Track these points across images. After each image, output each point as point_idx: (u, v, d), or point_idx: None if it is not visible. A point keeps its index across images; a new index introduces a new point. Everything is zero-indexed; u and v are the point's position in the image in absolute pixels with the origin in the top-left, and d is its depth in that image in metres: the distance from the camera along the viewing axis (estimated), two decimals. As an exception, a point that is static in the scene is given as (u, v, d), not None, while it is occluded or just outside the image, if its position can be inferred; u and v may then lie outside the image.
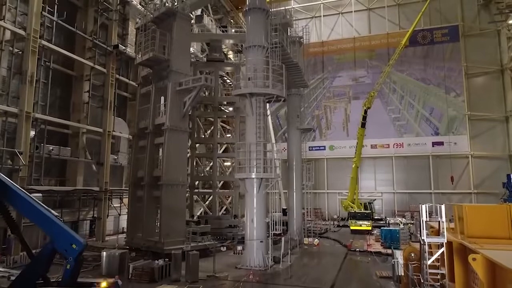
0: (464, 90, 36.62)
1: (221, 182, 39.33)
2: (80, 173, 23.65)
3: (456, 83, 37.10)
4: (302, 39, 24.35)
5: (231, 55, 41.23)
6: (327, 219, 39.58)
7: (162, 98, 17.87)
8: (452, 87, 37.19)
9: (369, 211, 27.67)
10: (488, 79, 37.39)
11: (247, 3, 16.24)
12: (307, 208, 23.81)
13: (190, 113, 19.25)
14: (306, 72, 26.17)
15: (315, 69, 41.99)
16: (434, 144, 36.87)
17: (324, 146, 40.24)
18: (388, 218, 35.56)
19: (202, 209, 30.34)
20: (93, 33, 24.17)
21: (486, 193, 35.46)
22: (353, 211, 27.89)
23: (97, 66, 23.49)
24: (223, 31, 39.06)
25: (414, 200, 37.90)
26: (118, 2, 25.13)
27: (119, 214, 25.60)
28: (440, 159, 37.11)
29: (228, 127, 34.09)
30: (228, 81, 33.88)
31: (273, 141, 33.37)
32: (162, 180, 16.38)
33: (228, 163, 38.90)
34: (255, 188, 14.73)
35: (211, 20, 37.46)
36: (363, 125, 31.14)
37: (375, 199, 31.50)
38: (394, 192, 37.49)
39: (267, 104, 16.70)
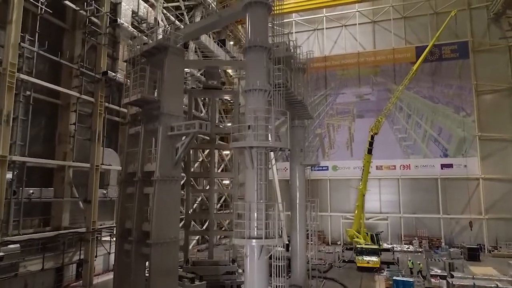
0: (475, 110, 34.91)
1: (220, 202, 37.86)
2: (66, 210, 21.86)
3: (466, 102, 35.39)
4: (306, 66, 22.53)
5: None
6: (330, 243, 37.94)
7: (153, 141, 16.11)
8: (462, 106, 35.49)
9: (376, 247, 25.91)
10: (498, 97, 35.71)
11: (246, 40, 14.45)
12: (310, 253, 22.05)
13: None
14: (307, 90, 24.43)
15: (317, 85, 40.22)
16: (443, 166, 35.14)
17: (327, 167, 38.50)
18: (395, 246, 33.98)
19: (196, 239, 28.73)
20: (81, 58, 22.36)
21: (497, 218, 33.86)
22: (359, 246, 26.14)
23: (84, 96, 21.68)
24: (220, 46, 37.42)
25: (422, 224, 36.29)
26: (108, 25, 23.28)
27: (109, 253, 23.79)
28: (448, 181, 35.45)
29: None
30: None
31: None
32: (152, 238, 14.58)
33: (227, 181, 37.22)
34: (256, 254, 12.98)
35: (209, 36, 35.75)
36: (369, 151, 29.41)
37: (382, 231, 29.83)
38: (400, 216, 35.73)
39: (271, 153, 14.95)
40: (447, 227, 35.36)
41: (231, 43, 44.02)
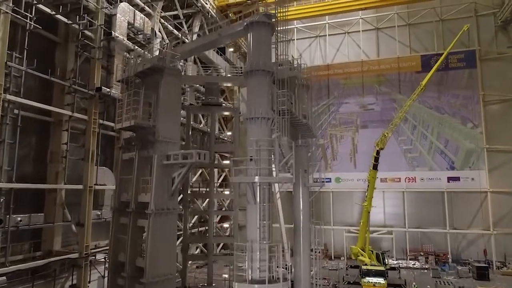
0: (482, 122, 33.85)
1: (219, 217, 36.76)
2: (57, 234, 20.76)
3: (473, 113, 34.34)
4: (310, 83, 21.42)
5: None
6: (333, 257, 36.89)
7: (148, 168, 15.05)
8: (469, 117, 34.43)
9: (382, 269, 24.85)
10: (506, 107, 34.63)
11: (247, 64, 13.38)
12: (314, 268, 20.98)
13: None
14: (311, 108, 23.40)
15: (319, 94, 39.15)
16: (449, 179, 34.08)
17: (330, 178, 37.41)
18: (401, 262, 32.94)
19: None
20: (74, 73, 21.29)
21: (506, 233, 32.81)
22: (365, 267, 25.07)
23: (76, 114, 20.59)
24: (220, 54, 36.36)
25: (427, 238, 35.26)
26: (102, 38, 22.19)
27: (103, 276, 22.69)
28: (455, 194, 34.41)
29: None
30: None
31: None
32: (146, 276, 13.53)
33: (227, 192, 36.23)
34: (258, 299, 11.97)
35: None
36: (375, 167, 28.33)
37: (388, 251, 28.79)
38: (406, 231, 34.64)
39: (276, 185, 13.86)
40: (454, 241, 34.31)
41: (231, 49, 43.02)
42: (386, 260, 27.07)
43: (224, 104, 23.11)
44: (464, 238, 34.66)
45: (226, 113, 22.85)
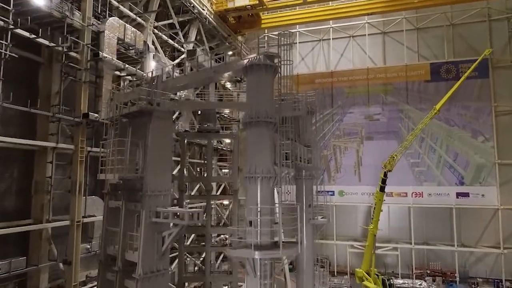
0: (494, 135, 32.20)
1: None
2: (44, 271, 19.46)
3: (485, 126, 32.67)
4: (315, 107, 19.71)
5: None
6: (335, 273, 35.73)
7: (136, 220, 13.53)
8: (480, 130, 32.77)
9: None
10: (518, 118, 32.97)
11: (246, 114, 11.72)
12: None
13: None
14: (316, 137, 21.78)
15: (323, 103, 37.35)
16: (458, 195, 32.60)
17: (333, 191, 35.92)
18: (406, 282, 31.73)
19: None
20: (59, 96, 19.62)
21: (517, 253, 31.54)
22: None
23: (61, 145, 19.02)
24: (217, 61, 34.46)
25: (434, 254, 34.00)
26: (88, 59, 20.40)
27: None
28: (463, 210, 33.00)
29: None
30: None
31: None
32: None
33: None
34: None
35: (207, 54, 32.85)
36: (382, 188, 26.83)
37: (392, 278, 27.47)
38: (412, 248, 33.31)
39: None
40: (461, 258, 33.02)
41: (230, 53, 41.11)
42: (393, 284, 25.80)
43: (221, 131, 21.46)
44: (472, 254, 33.42)
45: (226, 139, 21.24)
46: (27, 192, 19.49)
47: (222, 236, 33.23)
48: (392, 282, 25.94)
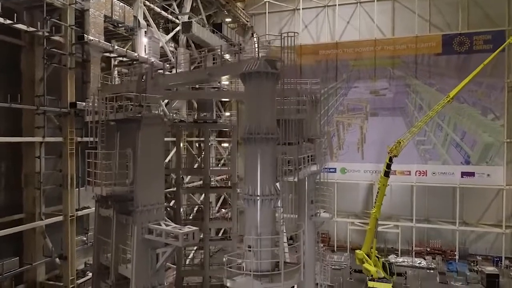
0: (505, 113, 30.82)
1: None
2: (40, 265, 19.11)
3: (496, 103, 31.22)
4: (318, 95, 18.25)
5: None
6: (335, 249, 35.92)
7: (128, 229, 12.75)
8: (490, 107, 31.34)
9: (390, 284, 23.62)
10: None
11: (245, 128, 10.43)
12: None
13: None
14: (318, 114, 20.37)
15: (327, 76, 35.55)
16: (463, 174, 31.84)
17: (335, 169, 35.14)
18: (406, 260, 31.87)
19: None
20: (43, 83, 18.21)
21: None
22: (371, 285, 23.85)
23: (48, 139, 17.89)
24: (214, 31, 32.37)
25: (435, 233, 33.92)
26: (73, 42, 18.65)
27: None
28: (467, 190, 32.40)
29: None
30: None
31: None
32: None
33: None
34: None
35: (202, 25, 30.67)
36: (386, 174, 25.92)
37: (393, 262, 27.31)
38: (413, 226, 33.10)
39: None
40: (462, 235, 32.92)
41: (229, 19, 38.69)
42: (393, 270, 25.75)
43: (220, 119, 20.16)
44: (473, 232, 33.32)
45: (225, 129, 19.94)
46: (18, 186, 18.71)
47: (223, 211, 32.96)
48: (392, 267, 25.85)
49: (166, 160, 26.43)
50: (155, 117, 12.12)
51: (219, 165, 34.02)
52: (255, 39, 35.50)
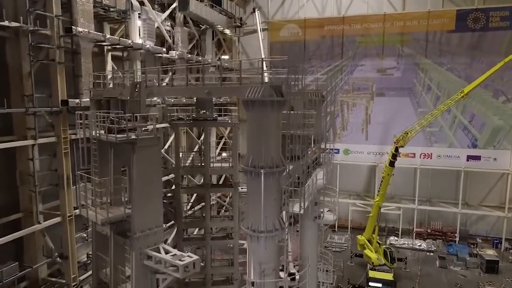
0: (517, 95, 29.61)
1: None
2: (41, 261, 19.07)
3: (509, 85, 29.88)
4: (325, 93, 17.21)
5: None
6: (336, 228, 36.14)
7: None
8: (503, 90, 30.02)
9: (392, 279, 23.80)
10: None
11: (246, 160, 9.61)
12: None
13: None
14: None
15: (331, 53, 33.88)
16: (469, 158, 31.18)
17: (338, 150, 34.44)
18: (406, 243, 32.08)
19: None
20: (31, 77, 17.12)
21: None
22: (372, 275, 24.03)
23: (40, 140, 17.09)
24: (213, 6, 30.37)
25: (436, 214, 33.89)
26: (61, 34, 17.27)
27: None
28: (471, 173, 31.90)
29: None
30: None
31: None
32: None
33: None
34: None
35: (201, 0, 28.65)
36: (391, 163, 25.21)
37: (393, 251, 27.27)
38: (415, 208, 32.99)
39: None
40: (463, 216, 32.84)
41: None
42: (395, 257, 25.85)
43: (220, 113, 19.15)
44: (480, 217, 33.28)
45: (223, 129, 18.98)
46: (13, 184, 18.20)
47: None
48: (394, 254, 25.93)
49: (166, 147, 25.97)
50: (151, 139, 11.26)
51: (220, 144, 33.40)
52: (256, 14, 33.54)
